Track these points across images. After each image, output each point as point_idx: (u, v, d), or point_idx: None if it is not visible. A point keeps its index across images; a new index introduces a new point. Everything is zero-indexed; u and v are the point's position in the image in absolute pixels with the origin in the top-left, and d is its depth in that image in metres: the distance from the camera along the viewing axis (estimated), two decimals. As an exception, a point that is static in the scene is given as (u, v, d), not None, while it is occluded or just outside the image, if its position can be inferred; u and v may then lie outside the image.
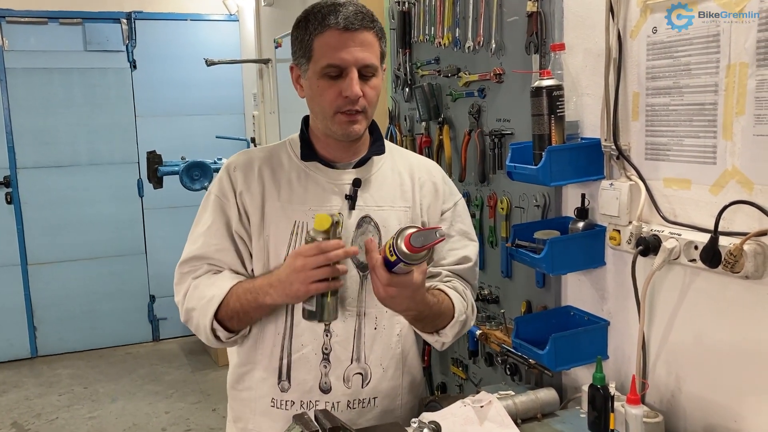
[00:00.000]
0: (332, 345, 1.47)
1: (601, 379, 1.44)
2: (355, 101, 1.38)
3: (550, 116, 1.56)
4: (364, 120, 1.43)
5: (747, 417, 1.32)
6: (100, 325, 5.26)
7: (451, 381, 2.46)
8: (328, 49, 1.37)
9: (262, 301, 1.38)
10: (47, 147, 5.04)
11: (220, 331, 1.44)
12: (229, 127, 5.30)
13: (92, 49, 5.09)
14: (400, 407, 1.55)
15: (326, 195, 1.47)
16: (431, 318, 1.45)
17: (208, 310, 1.42)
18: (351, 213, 1.47)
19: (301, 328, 1.46)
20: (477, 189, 2.17)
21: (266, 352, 1.49)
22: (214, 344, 1.48)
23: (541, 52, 1.78)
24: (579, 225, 1.64)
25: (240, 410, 1.55)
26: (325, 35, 1.37)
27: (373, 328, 1.49)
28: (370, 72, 1.40)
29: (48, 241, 5.09)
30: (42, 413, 4.20)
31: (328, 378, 1.47)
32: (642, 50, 1.46)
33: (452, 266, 1.56)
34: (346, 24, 1.36)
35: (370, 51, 1.39)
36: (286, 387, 1.48)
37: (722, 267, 1.26)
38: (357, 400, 1.49)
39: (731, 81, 1.27)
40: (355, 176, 1.48)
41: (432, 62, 2.35)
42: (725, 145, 1.30)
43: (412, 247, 1.20)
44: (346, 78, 1.37)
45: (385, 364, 1.51)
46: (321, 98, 1.41)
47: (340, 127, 1.42)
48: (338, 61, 1.36)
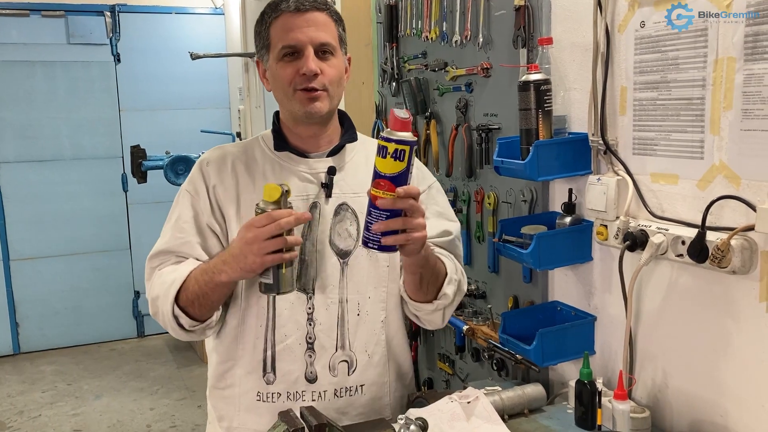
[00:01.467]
0: (316, 334, 1.46)
1: (588, 375, 1.44)
2: (311, 78, 1.40)
3: (537, 111, 1.56)
4: (326, 98, 1.43)
5: (733, 412, 1.32)
6: (84, 321, 5.22)
7: (437, 376, 2.46)
8: (282, 31, 1.41)
9: (218, 279, 1.35)
10: (30, 141, 4.98)
11: (183, 318, 1.40)
12: (214, 122, 5.27)
13: (75, 42, 5.03)
14: (388, 394, 1.55)
15: (302, 184, 1.48)
16: (434, 265, 1.43)
17: (169, 294, 1.40)
18: (328, 201, 1.47)
19: (283, 319, 1.46)
20: (464, 184, 2.17)
21: (248, 346, 1.48)
22: (180, 334, 1.44)
23: (528, 46, 1.77)
24: (566, 220, 1.64)
25: (223, 409, 1.53)
26: (279, 20, 1.42)
27: (356, 315, 1.49)
28: (328, 50, 1.42)
29: (31, 237, 5.04)
30: (24, 410, 4.16)
31: (313, 367, 1.46)
32: (630, 44, 1.46)
33: (433, 239, 1.52)
34: (297, 5, 1.41)
35: (325, 30, 1.42)
36: (272, 379, 1.47)
37: (709, 262, 1.26)
38: (344, 389, 1.49)
39: (719, 76, 1.27)
40: (330, 164, 1.49)
41: (419, 56, 2.34)
42: (713, 140, 1.30)
43: (399, 120, 1.17)
44: (302, 57, 1.40)
45: (370, 351, 1.51)
46: (281, 79, 1.42)
47: (302, 104, 1.42)
48: (292, 41, 1.40)
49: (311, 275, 1.46)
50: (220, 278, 1.34)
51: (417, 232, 1.24)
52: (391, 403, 1.55)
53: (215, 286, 1.37)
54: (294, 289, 1.36)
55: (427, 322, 1.55)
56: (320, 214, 1.47)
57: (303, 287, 1.46)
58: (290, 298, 1.45)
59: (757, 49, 1.19)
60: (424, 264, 1.39)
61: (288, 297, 1.45)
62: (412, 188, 1.21)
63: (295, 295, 1.45)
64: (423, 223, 1.25)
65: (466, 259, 2.18)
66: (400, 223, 1.21)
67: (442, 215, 1.58)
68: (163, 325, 1.46)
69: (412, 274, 1.43)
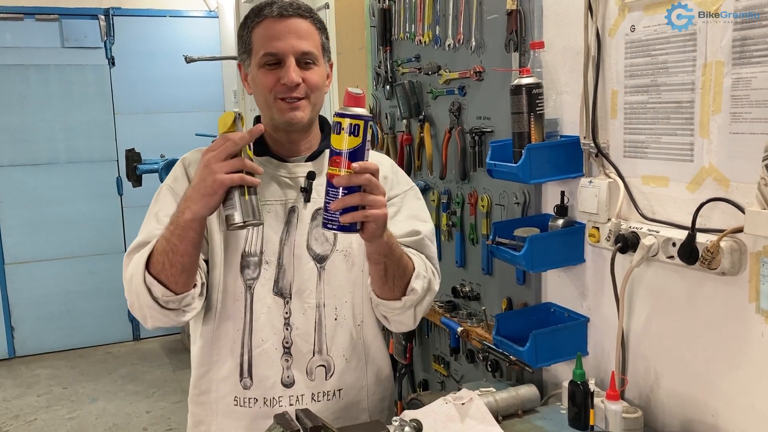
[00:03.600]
0: (293, 338, 1.46)
1: (581, 375, 1.45)
2: (292, 88, 1.39)
3: (529, 114, 1.57)
4: (307, 106, 1.42)
5: (723, 412, 1.33)
6: (79, 324, 5.21)
7: (432, 378, 2.47)
8: (264, 39, 1.40)
9: (183, 219, 1.28)
10: (24, 145, 4.97)
11: (155, 287, 1.34)
12: (208, 125, 5.26)
13: (69, 46, 5.03)
14: (366, 398, 1.54)
15: (281, 189, 1.47)
16: (400, 257, 1.38)
17: (140, 263, 1.35)
18: (306, 205, 1.47)
19: (260, 323, 1.45)
20: (458, 186, 2.18)
21: (225, 351, 1.47)
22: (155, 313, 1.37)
23: (520, 50, 1.79)
24: (558, 222, 1.65)
25: (201, 414, 1.52)
26: (261, 26, 1.41)
27: (333, 319, 1.48)
28: (310, 59, 1.41)
29: (25, 240, 5.03)
30: (20, 414, 4.15)
31: (290, 372, 1.46)
32: (620, 48, 1.47)
33: (401, 238, 1.48)
34: (280, 11, 1.40)
35: (307, 39, 1.41)
36: (249, 384, 1.46)
37: (699, 263, 1.27)
38: (321, 393, 1.48)
39: (707, 79, 1.29)
40: (310, 169, 1.48)
41: (412, 60, 2.35)
42: (702, 143, 1.31)
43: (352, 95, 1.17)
44: (284, 67, 1.39)
45: (348, 355, 1.50)
46: (262, 86, 1.42)
47: (281, 114, 1.41)
48: (274, 49, 1.39)
49: (288, 279, 1.45)
50: (185, 217, 1.28)
51: (375, 208, 1.21)
52: (369, 407, 1.55)
53: (180, 230, 1.30)
54: (261, 222, 1.30)
55: (398, 323, 1.48)
56: (298, 219, 1.46)
57: (280, 291, 1.45)
58: (267, 302, 1.44)
59: (745, 53, 1.21)
60: (389, 253, 1.34)
61: (265, 301, 1.43)
62: (368, 164, 1.18)
63: (272, 299, 1.44)
64: (382, 200, 1.22)
65: (460, 262, 2.19)
66: (357, 199, 1.18)
67: (414, 217, 1.54)
68: (139, 313, 1.40)
69: (376, 264, 1.37)
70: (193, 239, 1.33)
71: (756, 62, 1.19)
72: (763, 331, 1.23)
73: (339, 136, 1.17)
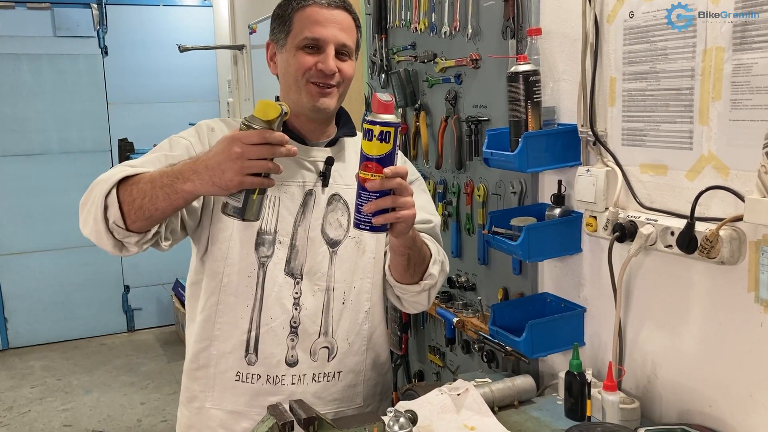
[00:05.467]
0: (301, 318, 1.47)
1: (578, 366, 1.44)
2: (330, 75, 1.42)
3: (526, 102, 1.55)
4: (336, 95, 1.46)
5: (721, 402, 1.33)
6: (73, 316, 5.19)
7: (428, 369, 2.46)
8: (309, 22, 1.42)
9: (181, 186, 1.24)
10: (16, 135, 4.93)
11: (113, 208, 1.28)
12: (203, 115, 5.18)
13: (62, 35, 4.98)
14: (362, 383, 1.56)
15: (299, 170, 1.48)
16: (420, 246, 1.44)
17: (112, 177, 1.31)
18: (324, 190, 1.49)
19: (271, 301, 1.46)
20: (454, 176, 2.16)
21: (228, 326, 1.47)
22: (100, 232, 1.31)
23: (517, 37, 1.77)
24: (555, 211, 1.63)
25: (196, 389, 1.51)
26: (307, 10, 1.43)
27: (341, 303, 1.50)
28: (346, 52, 1.45)
29: (19, 231, 5.00)
30: (14, 406, 4.14)
31: (295, 351, 1.47)
32: (619, 35, 1.45)
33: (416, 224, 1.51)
34: (329, 1, 1.43)
35: (348, 32, 1.45)
36: (253, 360, 1.47)
37: (698, 253, 1.26)
38: (322, 374, 1.50)
39: (707, 66, 1.27)
40: (329, 154, 1.51)
41: (408, 48, 2.33)
42: (701, 131, 1.30)
43: (382, 103, 1.18)
44: (323, 54, 1.41)
45: (351, 339, 1.52)
46: (296, 67, 1.42)
47: (311, 98, 1.43)
48: (318, 34, 1.41)
49: (300, 261, 1.47)
50: (184, 186, 1.24)
51: (406, 209, 1.25)
52: (364, 391, 1.56)
53: (173, 192, 1.26)
54: (258, 220, 1.30)
55: (412, 305, 1.55)
56: (315, 203, 1.48)
57: (291, 272, 1.46)
58: (279, 281, 1.45)
59: (746, 39, 1.19)
60: (412, 245, 1.40)
61: (276, 279, 1.45)
62: (399, 168, 1.23)
63: (283, 278, 1.46)
64: (411, 201, 1.27)
65: (456, 252, 2.18)
66: (389, 202, 1.23)
67: (422, 209, 1.56)
68: (82, 223, 1.34)
69: (400, 255, 1.43)
70: (179, 206, 1.31)
71: (757, 48, 1.17)
72: (762, 320, 1.22)
73: (371, 143, 1.20)
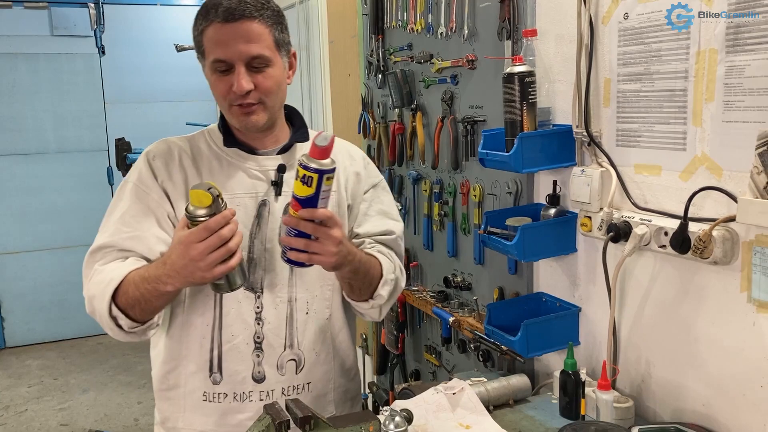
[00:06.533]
0: (264, 333, 1.44)
1: (573, 365, 1.45)
2: (243, 95, 1.35)
3: (522, 103, 1.56)
4: (262, 111, 1.39)
5: (714, 401, 1.33)
6: (70, 315, 5.18)
7: (424, 368, 2.47)
8: (212, 43, 1.35)
9: (164, 288, 1.29)
10: (13, 134, 4.93)
11: (122, 319, 1.35)
12: (199, 114, 5.23)
13: (59, 34, 4.98)
14: (332, 390, 1.55)
15: (251, 181, 1.45)
16: (364, 275, 1.43)
17: (105, 294, 1.35)
18: (278, 199, 1.45)
19: (231, 318, 1.43)
20: (450, 176, 2.17)
21: (194, 345, 1.45)
22: (119, 335, 1.39)
23: (513, 38, 1.77)
24: (550, 212, 1.64)
25: (168, 410, 1.50)
26: (209, 30, 1.35)
27: (304, 313, 1.48)
28: (262, 63, 1.35)
29: (15, 230, 5.00)
30: (11, 405, 4.14)
31: (261, 367, 1.45)
32: (613, 36, 1.46)
33: (376, 236, 1.54)
34: (225, 16, 1.33)
35: (258, 41, 1.34)
36: (218, 379, 1.45)
37: (691, 253, 1.27)
38: (291, 387, 1.48)
39: (701, 67, 1.28)
40: (280, 162, 1.46)
41: (405, 48, 2.34)
42: (695, 132, 1.30)
43: (316, 147, 1.18)
44: (234, 73, 1.34)
45: (317, 349, 1.50)
46: (216, 92, 1.39)
47: (238, 119, 1.39)
48: (222, 56, 1.34)
49: (260, 274, 1.44)
50: (166, 288, 1.29)
51: (321, 257, 1.25)
52: (335, 399, 1.55)
53: (160, 295, 1.31)
54: (245, 281, 1.34)
55: (367, 316, 1.55)
56: (269, 213, 1.44)
57: (251, 286, 1.43)
58: (238, 296, 1.43)
59: (739, 41, 1.20)
60: (352, 276, 1.40)
61: (236, 295, 1.42)
62: (317, 212, 1.22)
63: (243, 294, 1.43)
64: (330, 250, 1.25)
65: (452, 252, 2.19)
66: (301, 244, 1.24)
67: (386, 214, 1.57)
68: (101, 325, 1.40)
69: (341, 281, 1.45)
70: (171, 299, 1.37)
71: (750, 50, 1.18)
72: (754, 320, 1.23)
73: (296, 181, 1.22)
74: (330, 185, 1.23)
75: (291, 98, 4.08)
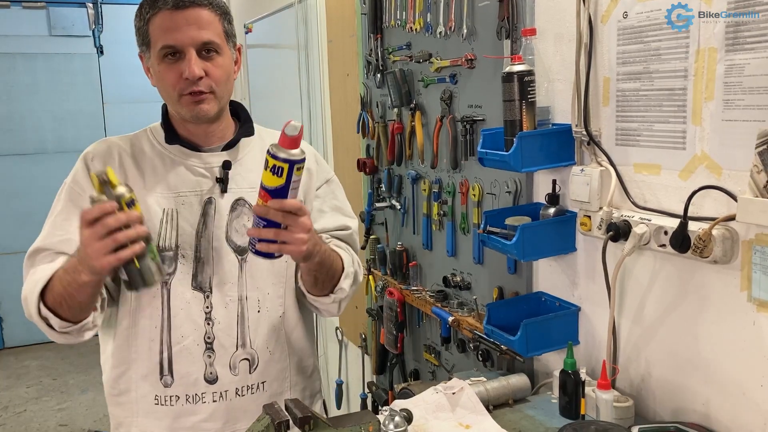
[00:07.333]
0: (215, 333, 1.43)
1: (572, 365, 1.45)
2: (195, 82, 1.34)
3: (521, 102, 1.56)
4: (213, 100, 1.39)
5: (715, 400, 1.33)
6: (69, 315, 5.17)
7: (423, 368, 2.47)
8: (161, 31, 1.35)
9: (80, 279, 1.25)
10: (11, 134, 4.93)
11: (53, 319, 1.33)
12: (199, 114, 5.24)
13: (57, 34, 4.99)
14: (289, 389, 1.54)
15: (195, 179, 1.44)
16: (329, 267, 1.43)
17: (33, 294, 1.33)
18: (224, 196, 1.44)
19: (179, 319, 1.42)
20: (449, 175, 2.17)
21: (143, 348, 1.43)
22: (54, 336, 1.36)
23: (512, 37, 1.77)
24: (550, 211, 1.64)
25: (121, 415, 1.49)
26: (157, 18, 1.35)
27: (256, 312, 1.47)
28: (212, 49, 1.36)
29: (14, 231, 5.00)
30: (9, 405, 4.13)
31: (213, 368, 1.44)
32: (613, 35, 1.46)
33: (332, 231, 1.54)
34: (175, 3, 1.33)
35: (208, 28, 1.36)
36: (169, 382, 1.43)
37: (691, 252, 1.26)
38: (245, 387, 1.47)
39: (700, 66, 1.28)
40: (225, 158, 1.44)
41: (404, 47, 2.33)
42: (695, 131, 1.30)
43: (286, 137, 1.17)
44: (184, 60, 1.34)
45: (271, 347, 1.49)
46: (164, 83, 1.38)
47: (188, 109, 1.38)
48: (172, 41, 1.34)
49: (208, 273, 1.42)
50: (82, 278, 1.25)
51: (292, 246, 1.24)
52: (292, 397, 1.53)
53: (79, 287, 1.28)
54: (162, 280, 1.30)
55: (325, 312, 1.55)
56: (215, 210, 1.43)
57: (199, 286, 1.42)
58: (186, 296, 1.41)
59: (738, 39, 1.19)
60: (318, 268, 1.39)
61: (184, 295, 1.41)
62: (287, 203, 1.21)
63: (191, 294, 1.41)
64: (301, 238, 1.24)
65: (451, 251, 2.19)
66: (272, 234, 1.22)
67: (339, 210, 1.58)
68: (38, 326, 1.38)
69: (307, 275, 1.43)
70: (92, 292, 1.31)
71: (749, 48, 1.18)
72: (754, 319, 1.23)
73: (265, 172, 1.20)
74: (300, 176, 1.22)
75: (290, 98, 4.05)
